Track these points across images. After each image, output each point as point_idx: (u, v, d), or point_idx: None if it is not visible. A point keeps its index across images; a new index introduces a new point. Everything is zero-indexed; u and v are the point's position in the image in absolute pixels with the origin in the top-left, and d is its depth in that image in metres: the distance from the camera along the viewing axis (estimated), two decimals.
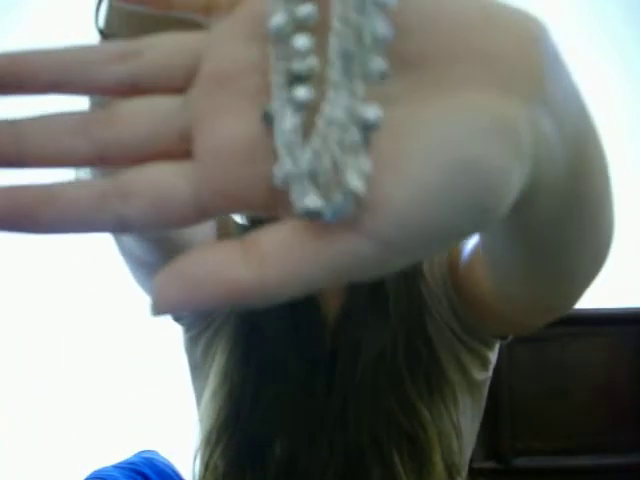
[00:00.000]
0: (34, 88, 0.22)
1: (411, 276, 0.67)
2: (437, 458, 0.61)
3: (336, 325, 0.67)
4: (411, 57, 0.21)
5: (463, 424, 0.66)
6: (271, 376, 0.65)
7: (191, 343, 0.74)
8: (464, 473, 0.67)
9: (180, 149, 0.22)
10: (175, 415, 1.59)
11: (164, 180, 0.21)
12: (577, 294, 0.41)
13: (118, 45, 0.23)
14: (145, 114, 0.22)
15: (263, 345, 0.67)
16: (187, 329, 0.73)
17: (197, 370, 0.74)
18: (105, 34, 0.41)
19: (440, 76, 0.21)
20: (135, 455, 1.00)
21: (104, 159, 0.22)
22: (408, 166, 0.20)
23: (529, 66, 0.21)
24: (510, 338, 0.67)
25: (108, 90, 0.22)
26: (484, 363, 0.68)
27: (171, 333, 0.79)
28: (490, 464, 1.35)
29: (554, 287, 0.40)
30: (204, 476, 0.66)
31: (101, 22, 0.41)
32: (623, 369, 1.42)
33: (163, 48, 0.23)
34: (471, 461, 0.71)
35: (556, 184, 0.26)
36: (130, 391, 1.79)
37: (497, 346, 0.68)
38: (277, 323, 0.66)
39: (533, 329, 0.53)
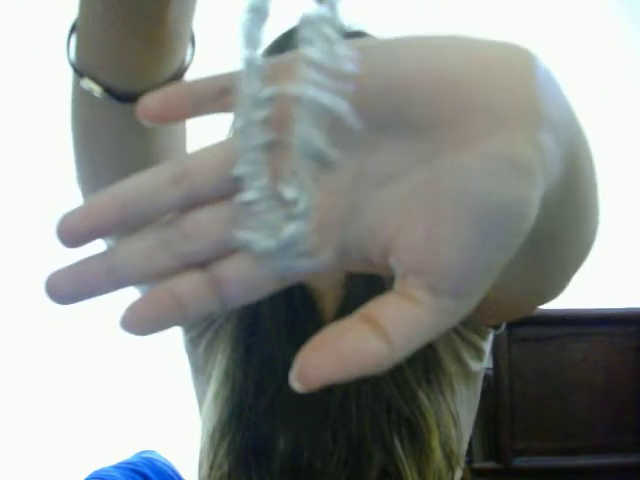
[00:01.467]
0: (108, 231, 0.26)
1: None
2: (435, 444, 0.63)
3: (335, 319, 0.67)
4: (420, 122, 0.24)
5: (460, 414, 0.67)
6: (272, 373, 0.66)
7: (192, 344, 0.74)
8: (461, 466, 0.68)
9: None
10: (176, 415, 1.59)
11: (252, 267, 0.26)
12: (566, 282, 0.45)
13: (166, 170, 0.26)
14: (212, 224, 0.26)
15: (263, 343, 0.68)
16: (187, 330, 0.74)
17: (198, 371, 0.74)
18: (77, 68, 0.40)
19: (451, 133, 0.23)
20: (135, 455, 1.00)
21: (187, 266, 0.26)
22: (452, 228, 0.24)
23: (528, 101, 0.23)
24: (502, 328, 0.69)
25: (167, 212, 0.27)
26: (479, 354, 0.70)
27: (172, 333, 0.79)
28: (490, 464, 1.35)
29: (546, 277, 0.44)
30: (209, 475, 0.67)
31: (72, 55, 0.40)
32: (623, 369, 1.42)
33: (208, 163, 0.26)
34: (471, 461, 0.71)
35: (554, 189, 0.27)
36: (130, 391, 1.79)
37: (491, 337, 0.70)
38: (275, 321, 0.68)
39: (523, 315, 0.57)
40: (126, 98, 0.40)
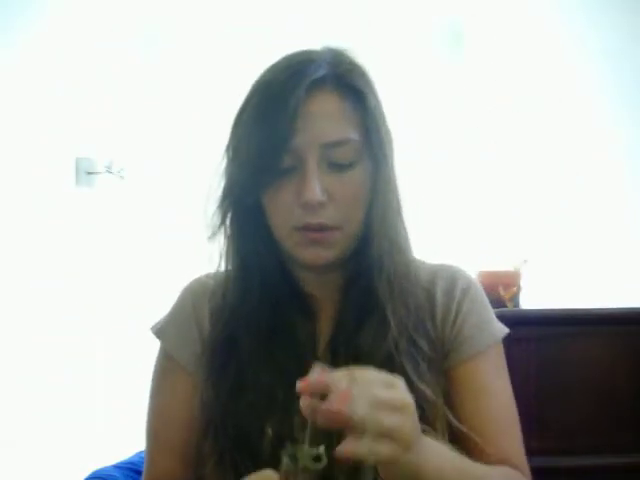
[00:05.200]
0: None
1: (405, 292, 0.72)
2: (441, 426, 0.69)
3: (330, 325, 0.72)
4: None
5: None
6: (263, 373, 0.69)
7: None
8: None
9: None
10: None
11: None
12: None
13: None
14: None
15: (258, 344, 0.70)
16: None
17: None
18: None
19: None
20: (135, 455, 1.01)
21: None
22: None
23: None
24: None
25: None
26: None
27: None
28: None
29: None
30: (204, 466, 0.69)
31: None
32: (623, 369, 1.42)
33: None
34: None
35: None
36: (130, 391, 1.79)
37: None
38: (270, 324, 0.71)
39: None
40: None
